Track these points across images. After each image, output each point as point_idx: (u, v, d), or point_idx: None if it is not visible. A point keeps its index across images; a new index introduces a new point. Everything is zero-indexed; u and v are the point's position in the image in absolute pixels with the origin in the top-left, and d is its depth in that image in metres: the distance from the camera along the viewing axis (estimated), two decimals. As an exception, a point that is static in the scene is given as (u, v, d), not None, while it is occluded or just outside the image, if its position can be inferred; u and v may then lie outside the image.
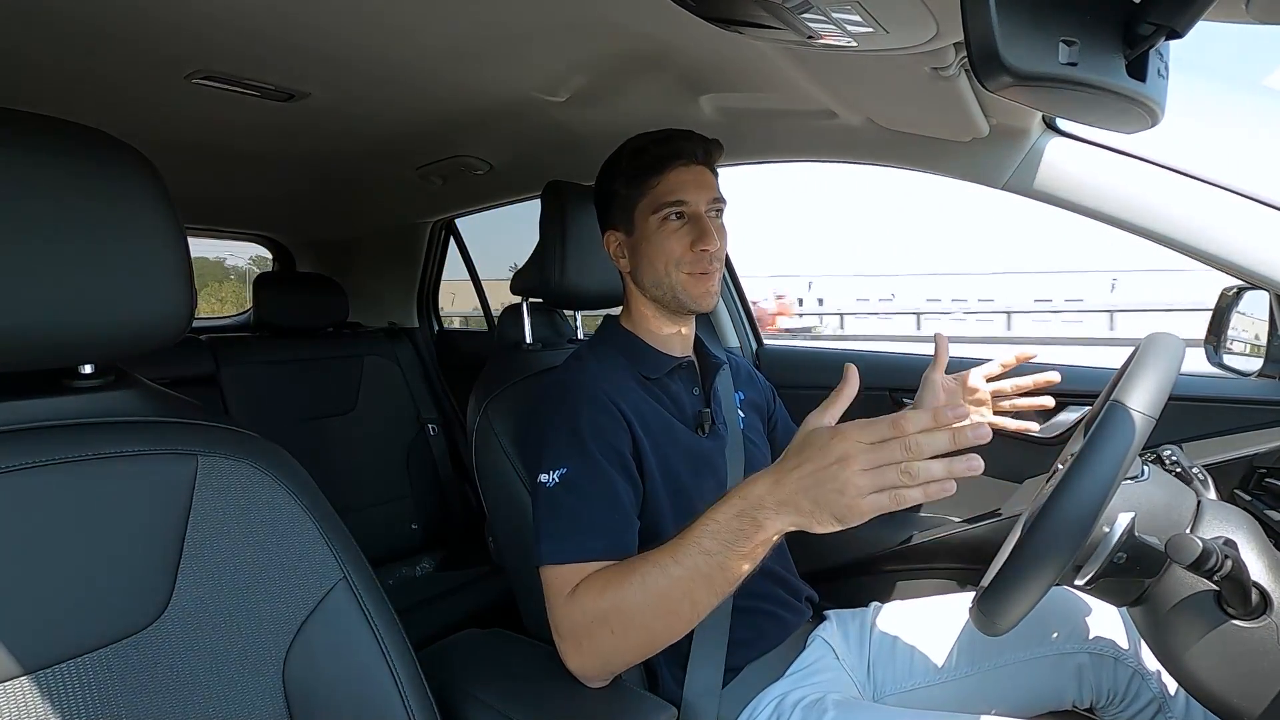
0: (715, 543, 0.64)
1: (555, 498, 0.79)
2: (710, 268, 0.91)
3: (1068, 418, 1.20)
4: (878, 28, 0.62)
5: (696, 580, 0.66)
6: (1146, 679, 0.88)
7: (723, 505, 0.65)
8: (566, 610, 0.74)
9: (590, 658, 0.74)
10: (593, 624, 0.72)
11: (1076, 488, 0.58)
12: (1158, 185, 0.90)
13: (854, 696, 0.92)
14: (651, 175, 0.90)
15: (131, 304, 0.54)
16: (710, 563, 0.64)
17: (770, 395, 1.15)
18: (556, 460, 0.81)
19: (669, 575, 0.67)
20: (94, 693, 0.52)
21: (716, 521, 0.64)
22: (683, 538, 0.67)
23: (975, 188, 1.05)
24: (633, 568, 0.71)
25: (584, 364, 0.92)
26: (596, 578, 0.74)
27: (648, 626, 0.70)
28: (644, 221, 0.91)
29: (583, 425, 0.82)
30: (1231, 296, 1.04)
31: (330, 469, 1.76)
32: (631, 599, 0.69)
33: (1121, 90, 0.44)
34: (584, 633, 0.73)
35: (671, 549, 0.67)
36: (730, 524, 0.63)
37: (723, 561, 0.64)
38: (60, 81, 0.97)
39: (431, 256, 2.22)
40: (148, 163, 0.56)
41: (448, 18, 0.82)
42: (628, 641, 0.72)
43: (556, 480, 0.80)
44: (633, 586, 0.69)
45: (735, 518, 0.63)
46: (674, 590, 0.67)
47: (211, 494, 0.58)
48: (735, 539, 0.63)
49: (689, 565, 0.65)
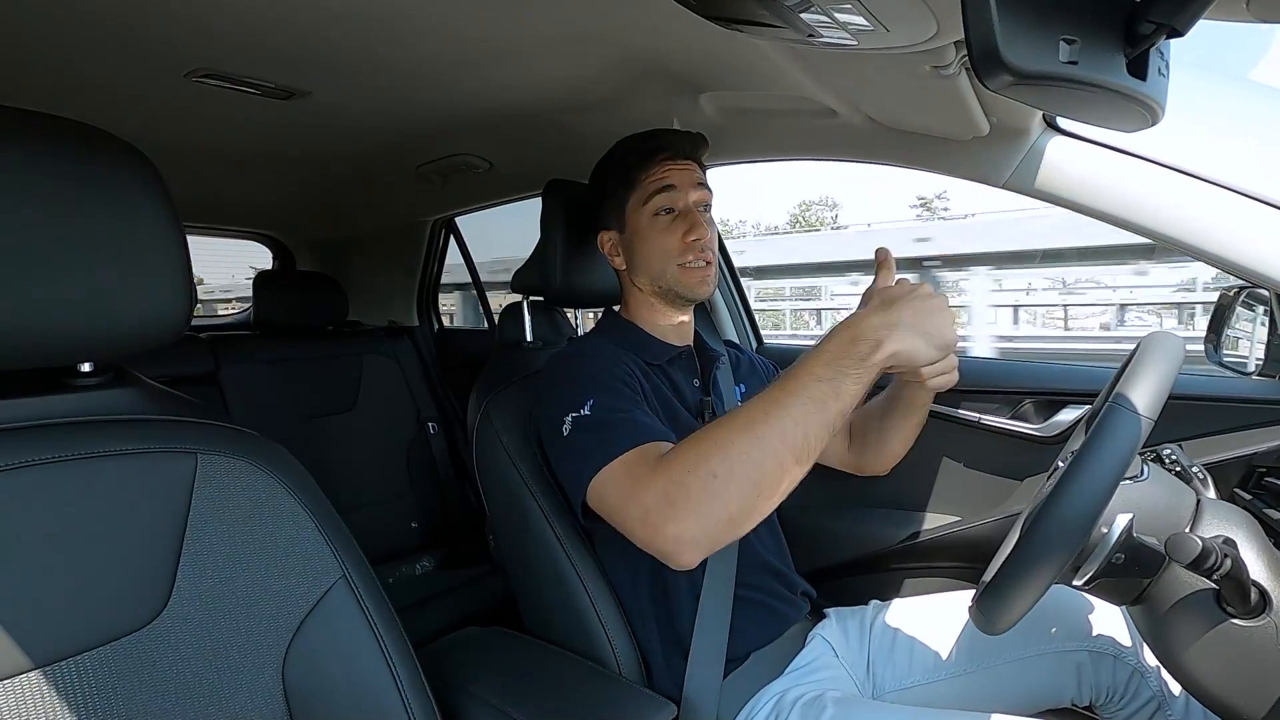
0: (829, 369, 0.65)
1: (593, 420, 0.77)
2: (705, 257, 0.93)
3: (1068, 417, 1.20)
4: (878, 26, 0.62)
5: (810, 408, 0.64)
6: (1146, 677, 0.88)
7: (829, 338, 0.67)
8: (653, 477, 0.68)
9: (693, 519, 0.66)
10: (690, 477, 0.66)
11: (1076, 487, 0.58)
12: (1158, 184, 0.90)
13: (853, 694, 0.92)
14: (639, 171, 0.93)
15: (131, 303, 0.54)
16: (824, 388, 0.65)
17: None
18: (579, 398, 0.80)
19: (781, 407, 0.65)
20: (94, 690, 0.52)
21: (827, 351, 0.66)
22: (790, 372, 0.67)
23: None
24: (731, 418, 0.67)
25: (588, 341, 0.94)
26: (688, 439, 0.69)
27: (758, 465, 0.64)
28: (635, 218, 0.94)
29: (598, 371, 0.83)
30: (1232, 296, 1.03)
31: (330, 468, 1.76)
32: (739, 435, 0.65)
33: (1122, 89, 0.44)
34: (683, 493, 0.66)
35: (779, 388, 0.67)
36: (844, 348, 0.65)
37: (838, 386, 0.65)
38: (60, 81, 0.96)
39: (432, 255, 2.21)
40: (148, 162, 0.56)
41: (448, 18, 0.82)
42: (734, 484, 0.64)
43: (588, 410, 0.78)
44: (738, 427, 0.66)
45: (849, 343, 0.66)
46: (787, 421, 0.64)
47: (211, 492, 0.58)
48: (853, 362, 0.65)
49: (802, 394, 0.65)
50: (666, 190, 0.92)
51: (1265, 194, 0.86)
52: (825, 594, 1.07)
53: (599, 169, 0.99)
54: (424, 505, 1.94)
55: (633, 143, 0.95)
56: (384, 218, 2.09)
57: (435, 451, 2.00)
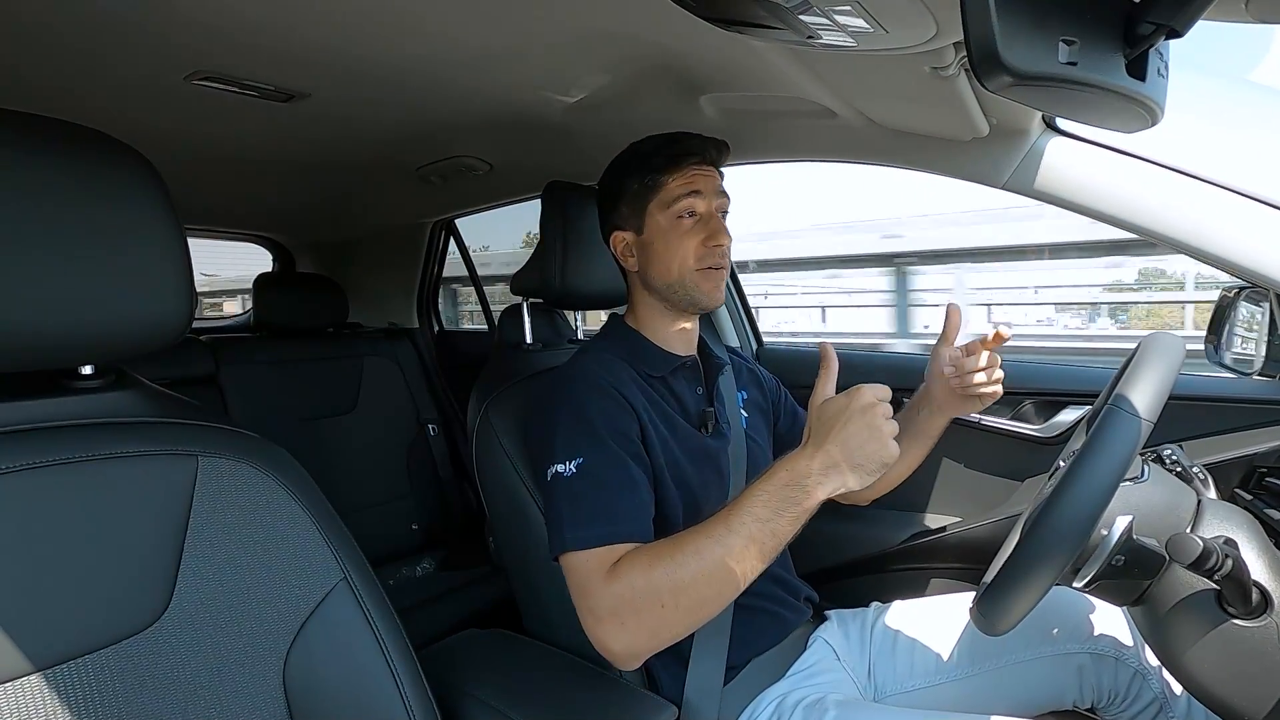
0: (767, 510, 0.69)
1: (574, 486, 0.79)
2: (723, 263, 0.92)
3: (1068, 417, 1.20)
4: (877, 27, 0.62)
5: (750, 546, 0.69)
6: (1148, 679, 0.88)
7: (769, 478, 0.70)
8: (608, 589, 0.73)
9: (637, 634, 0.72)
10: (641, 599, 0.71)
11: (1077, 487, 0.58)
12: (1158, 185, 0.90)
13: (854, 697, 0.92)
14: (664, 174, 0.91)
15: (132, 305, 0.54)
16: (763, 529, 0.69)
17: (776, 388, 1.14)
18: (571, 450, 0.80)
19: (724, 544, 0.69)
20: (95, 693, 0.52)
21: (766, 492, 0.70)
22: (733, 509, 0.71)
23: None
24: (681, 542, 0.72)
25: (586, 359, 0.92)
26: (640, 554, 0.73)
27: (701, 595, 0.71)
28: (655, 220, 0.92)
29: (593, 414, 0.82)
30: (1232, 296, 1.04)
31: (330, 469, 1.76)
32: (686, 570, 0.70)
33: (1121, 90, 0.44)
34: (630, 609, 0.71)
35: (723, 519, 0.71)
36: (780, 492, 0.69)
37: (775, 527, 0.69)
38: (61, 84, 0.96)
39: (431, 257, 2.22)
40: (148, 164, 0.56)
41: (448, 20, 0.82)
42: (679, 613, 0.71)
43: (574, 470, 0.79)
44: (686, 557, 0.70)
45: (784, 487, 0.69)
46: (729, 557, 0.69)
47: (212, 494, 0.58)
48: (785, 505, 0.69)
49: (744, 533, 0.69)
50: (692, 195, 0.91)
51: (1265, 194, 0.86)
52: (826, 595, 1.07)
53: (618, 167, 0.96)
54: (424, 507, 1.94)
55: (659, 144, 0.93)
56: (384, 219, 2.09)
57: (435, 453, 2.00)
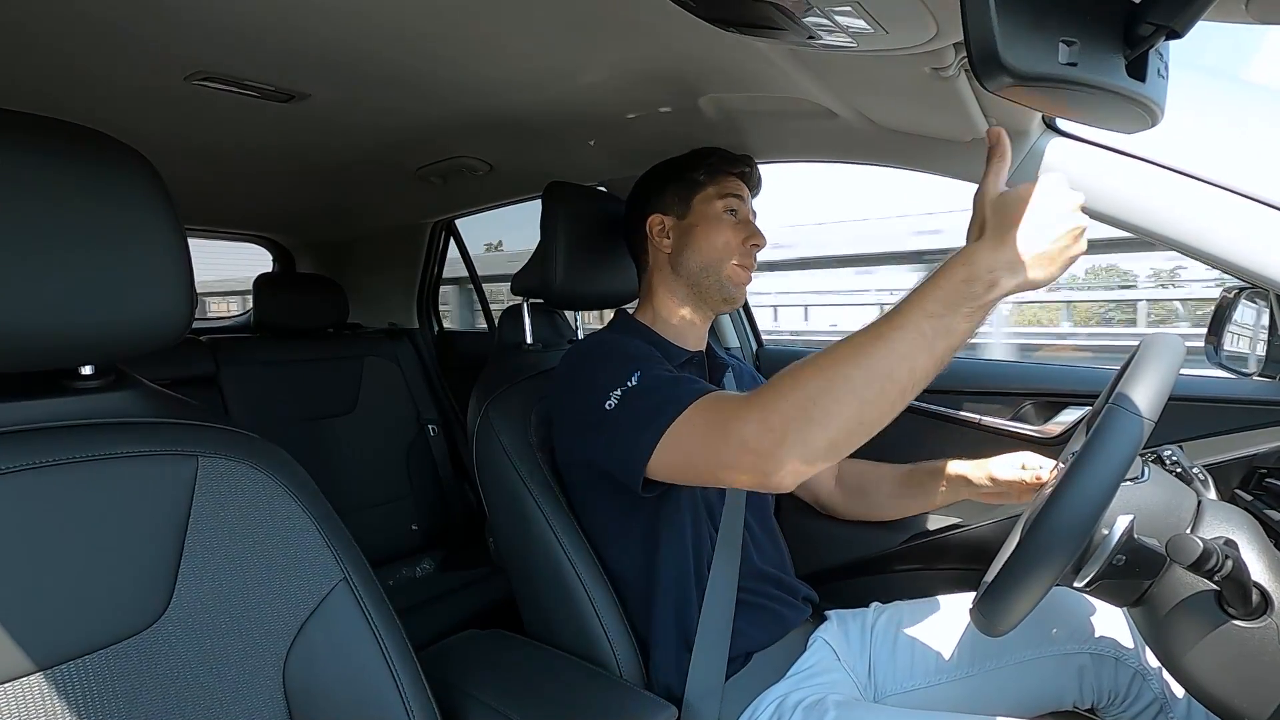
0: (940, 306, 0.61)
1: (644, 388, 0.76)
2: (754, 264, 0.99)
3: (1068, 417, 1.20)
4: (877, 28, 0.62)
5: (918, 344, 0.61)
6: (1148, 679, 0.88)
7: (945, 273, 0.62)
8: (747, 408, 0.66)
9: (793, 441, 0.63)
10: (789, 401, 0.64)
11: (1077, 488, 0.58)
12: (1158, 185, 0.90)
13: (855, 697, 0.92)
14: (721, 172, 1.01)
15: (132, 305, 0.54)
16: (937, 325, 0.61)
17: None
18: (623, 372, 0.79)
19: (888, 341, 0.61)
20: (95, 693, 0.52)
21: (941, 288, 0.61)
22: (900, 307, 0.63)
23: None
24: (837, 345, 0.64)
25: (604, 334, 0.96)
26: (782, 371, 0.66)
27: (861, 396, 0.62)
28: (704, 207, 0.99)
29: (634, 350, 0.85)
30: (1232, 296, 1.03)
31: (330, 470, 1.76)
32: (843, 372, 0.62)
33: (1121, 90, 0.44)
34: (779, 415, 0.64)
35: (886, 319, 0.63)
36: (958, 287, 0.60)
37: (950, 323, 0.61)
38: (60, 82, 0.96)
39: (431, 257, 2.22)
40: (148, 163, 0.56)
41: (448, 20, 0.82)
42: (837, 413, 0.62)
43: (635, 381, 0.77)
44: (842, 357, 0.63)
45: (963, 282, 0.60)
46: (893, 356, 0.61)
47: (211, 495, 0.58)
48: (963, 300, 0.60)
49: (911, 329, 0.61)
50: (738, 199, 1.00)
51: (1265, 195, 0.86)
52: (826, 596, 1.07)
53: (674, 161, 1.04)
54: (424, 507, 1.94)
55: (718, 150, 1.04)
56: (384, 220, 2.09)
57: (435, 453, 2.00)
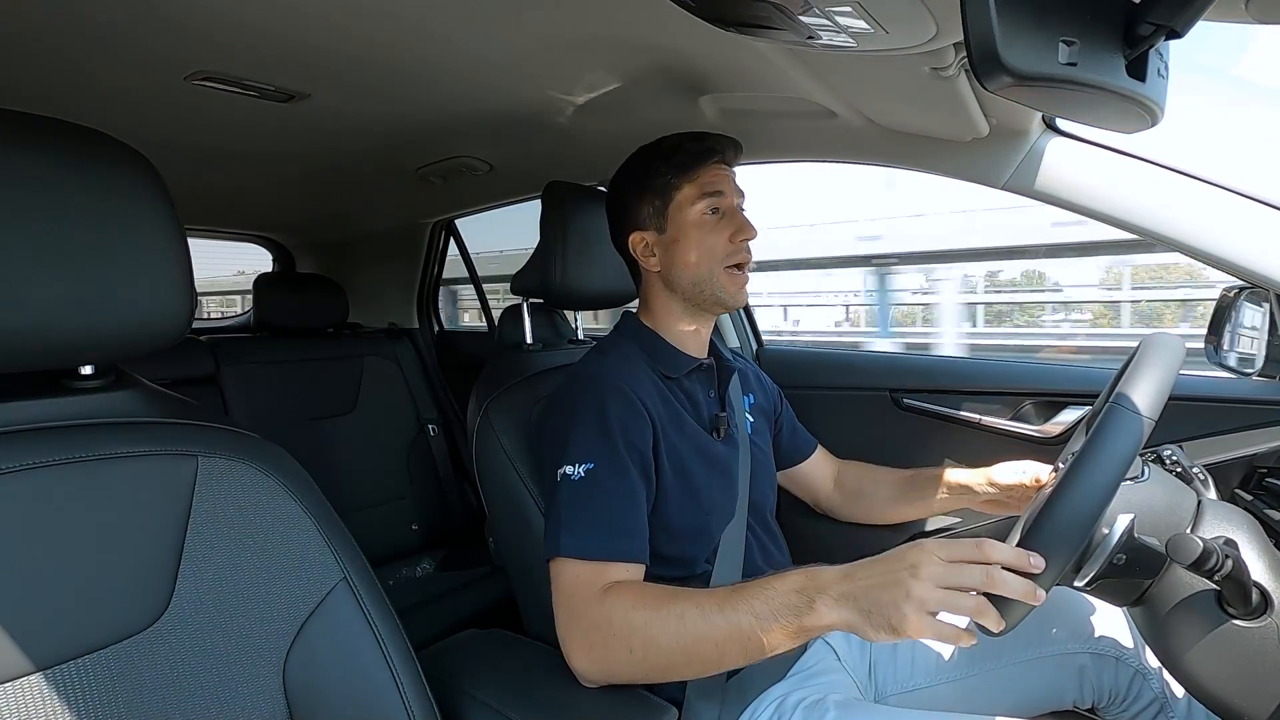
0: (766, 608, 0.65)
1: (580, 491, 0.79)
2: (749, 259, 0.93)
3: (1068, 417, 1.20)
4: (877, 28, 0.62)
5: (733, 637, 0.66)
6: (1148, 679, 0.88)
7: (785, 577, 0.66)
8: (589, 610, 0.73)
9: (598, 665, 0.74)
10: (613, 636, 0.71)
11: (1076, 489, 0.58)
12: (1158, 185, 0.90)
13: (855, 697, 0.92)
14: (688, 172, 0.91)
15: (132, 305, 0.54)
16: (753, 625, 0.65)
17: (777, 398, 1.15)
18: (584, 453, 0.80)
19: (709, 622, 0.67)
20: (95, 693, 0.52)
21: (774, 589, 0.65)
22: (734, 592, 0.68)
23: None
24: (673, 598, 0.70)
25: (607, 359, 0.92)
26: (630, 591, 0.73)
27: (669, 659, 0.70)
28: (681, 217, 0.92)
29: (612, 420, 0.82)
30: (1232, 296, 1.03)
31: (330, 469, 1.76)
32: (663, 629, 0.69)
33: (1121, 90, 0.44)
34: (601, 640, 0.72)
35: (719, 598, 0.68)
36: (788, 596, 0.64)
37: (766, 628, 0.64)
38: (60, 82, 0.96)
39: (431, 257, 2.22)
40: (148, 163, 0.56)
41: (448, 20, 0.82)
42: (644, 665, 0.71)
43: (583, 474, 0.79)
44: (669, 617, 0.69)
45: (794, 592, 0.64)
46: (708, 637, 0.67)
47: (211, 495, 0.58)
48: (785, 612, 0.64)
49: (732, 620, 0.66)
50: (716, 192, 0.91)
51: (1265, 194, 0.86)
52: (826, 595, 1.07)
53: (636, 168, 0.96)
54: (424, 507, 1.94)
55: (680, 141, 0.93)
56: (384, 220, 2.09)
57: (435, 453, 2.00)
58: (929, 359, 0.94)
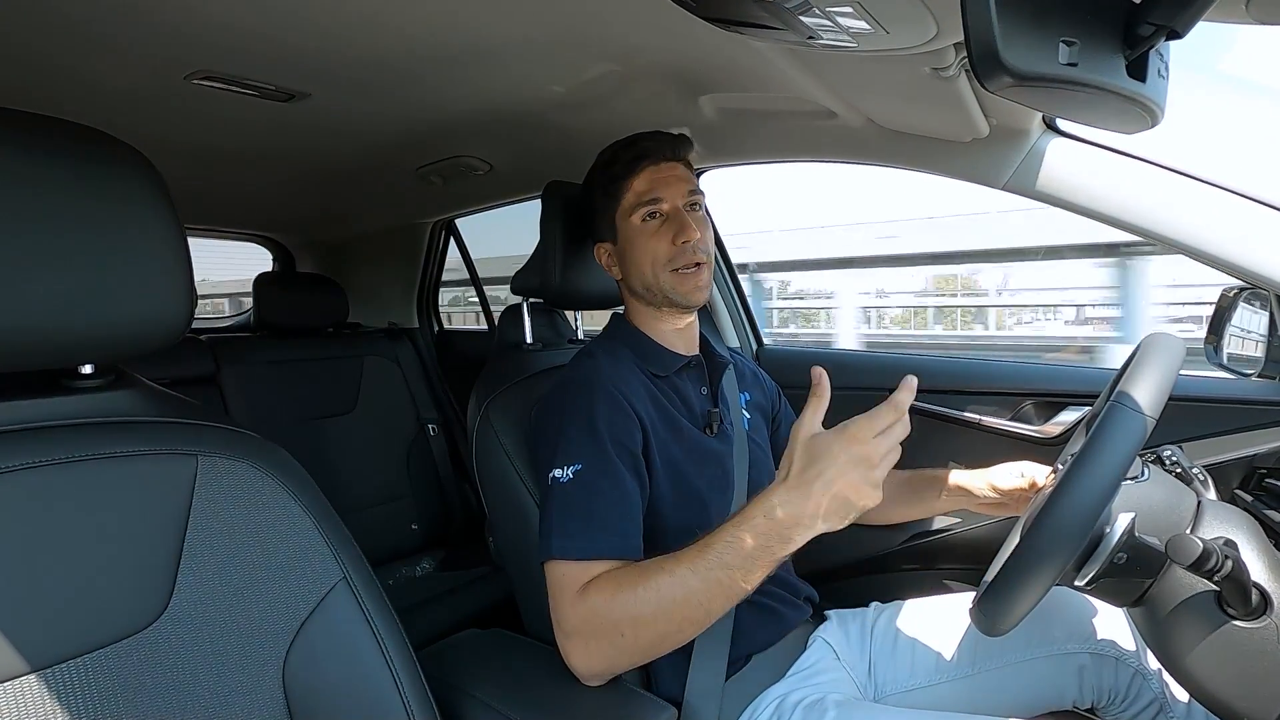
0: (737, 557, 0.66)
1: (569, 494, 0.79)
2: (697, 259, 0.91)
3: (1068, 417, 1.20)
4: (877, 28, 0.62)
5: (714, 591, 0.67)
6: (1148, 679, 0.88)
7: (746, 522, 0.66)
8: (573, 609, 0.74)
9: (596, 658, 0.74)
10: (601, 626, 0.72)
11: (1077, 488, 0.58)
12: (1158, 185, 0.90)
13: (854, 697, 0.92)
14: (623, 180, 0.93)
15: (131, 304, 0.54)
16: (730, 575, 0.66)
17: (775, 395, 1.15)
18: (572, 456, 0.81)
19: (686, 586, 0.68)
20: (94, 693, 0.52)
21: (739, 539, 0.66)
22: (703, 550, 0.68)
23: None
24: (645, 574, 0.71)
25: (596, 361, 0.92)
26: (607, 579, 0.73)
27: (659, 633, 0.70)
28: (624, 227, 0.94)
29: (599, 421, 0.82)
30: (1231, 297, 1.03)
31: (330, 469, 1.76)
32: (645, 605, 0.69)
33: (1122, 90, 0.44)
34: (591, 633, 0.73)
35: (690, 559, 0.68)
36: (756, 541, 0.65)
37: (744, 574, 0.66)
38: (60, 81, 0.96)
39: (431, 257, 2.22)
40: (148, 163, 0.56)
41: (447, 20, 0.82)
42: (637, 645, 0.72)
43: (571, 476, 0.80)
44: (647, 592, 0.69)
45: (762, 535, 0.65)
46: (690, 599, 0.68)
47: (211, 494, 0.58)
48: (759, 553, 0.65)
49: (708, 578, 0.67)
50: (653, 199, 0.92)
51: (1265, 195, 0.86)
52: (826, 595, 1.07)
53: (587, 181, 0.99)
54: (424, 507, 1.94)
55: (615, 151, 0.95)
56: (384, 219, 2.10)
57: (435, 453, 2.00)
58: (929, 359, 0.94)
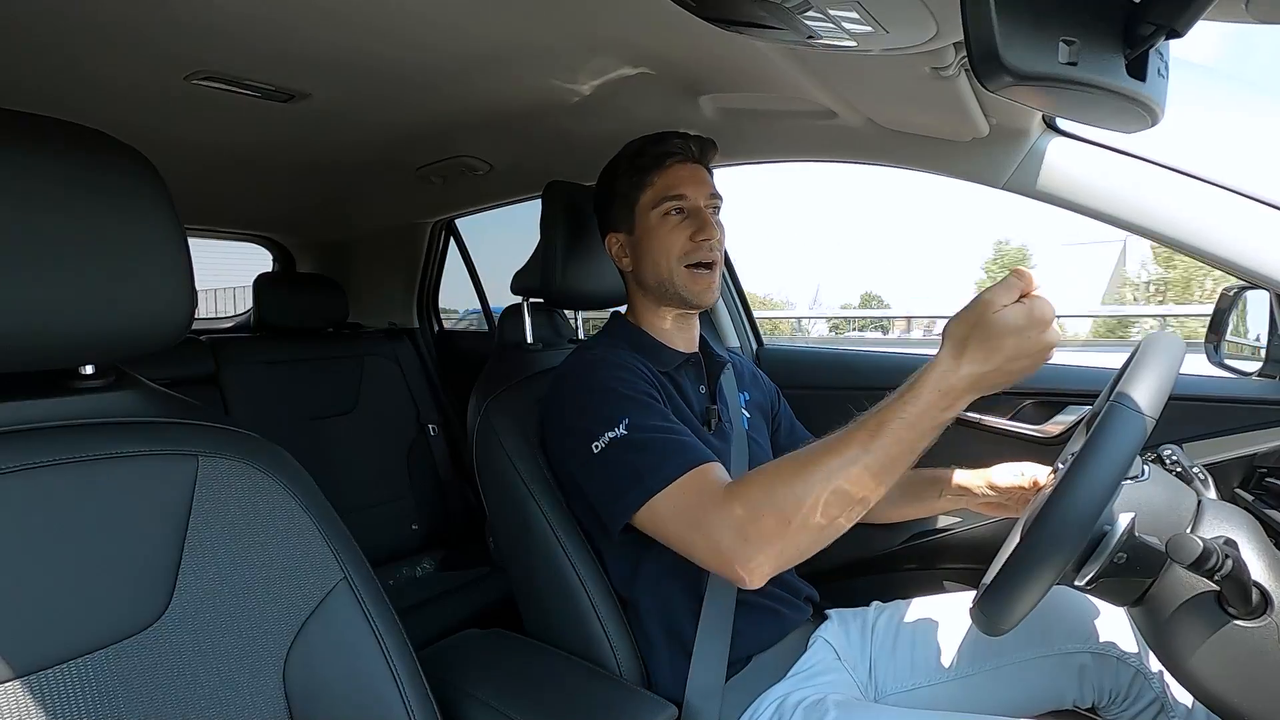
0: (911, 432, 0.64)
1: (634, 439, 0.77)
2: (711, 258, 0.94)
3: (1068, 417, 1.20)
4: (877, 27, 0.62)
5: (887, 464, 0.65)
6: (1148, 679, 0.88)
7: (915, 396, 0.64)
8: (724, 511, 0.70)
9: (765, 554, 0.68)
10: (766, 518, 0.68)
11: (1077, 487, 0.58)
12: (1158, 185, 0.90)
13: (855, 697, 0.92)
14: (651, 173, 0.95)
15: (132, 305, 0.54)
16: (903, 447, 0.65)
17: (775, 396, 1.16)
18: (613, 418, 0.79)
19: (859, 463, 0.65)
20: (94, 693, 0.52)
21: (910, 412, 0.64)
22: (871, 422, 0.66)
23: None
24: (811, 461, 0.68)
25: (596, 351, 0.93)
26: (760, 475, 0.71)
27: (831, 515, 0.67)
28: (645, 218, 0.95)
29: (622, 386, 0.83)
30: (1231, 296, 1.04)
31: (331, 469, 1.76)
32: (814, 491, 0.66)
33: (1121, 90, 0.44)
34: (756, 528, 0.68)
35: (858, 440, 0.66)
36: (927, 413, 0.64)
37: (916, 443, 0.65)
38: (60, 82, 0.97)
39: (431, 257, 2.22)
40: (148, 163, 0.56)
41: (448, 20, 0.83)
42: (806, 532, 0.67)
43: (625, 430, 0.78)
44: (815, 480, 0.66)
45: (930, 407, 0.64)
46: (864, 475, 0.65)
47: (212, 494, 0.58)
48: (930, 422, 0.64)
49: (883, 453, 0.65)
50: (678, 194, 0.94)
51: (1265, 194, 0.86)
52: (827, 595, 1.07)
53: (609, 170, 1.00)
54: (424, 507, 1.94)
55: (645, 144, 0.96)
56: (384, 220, 2.09)
57: (436, 453, 2.00)
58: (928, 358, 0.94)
